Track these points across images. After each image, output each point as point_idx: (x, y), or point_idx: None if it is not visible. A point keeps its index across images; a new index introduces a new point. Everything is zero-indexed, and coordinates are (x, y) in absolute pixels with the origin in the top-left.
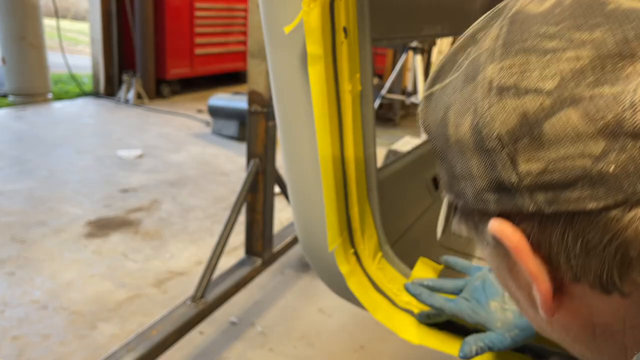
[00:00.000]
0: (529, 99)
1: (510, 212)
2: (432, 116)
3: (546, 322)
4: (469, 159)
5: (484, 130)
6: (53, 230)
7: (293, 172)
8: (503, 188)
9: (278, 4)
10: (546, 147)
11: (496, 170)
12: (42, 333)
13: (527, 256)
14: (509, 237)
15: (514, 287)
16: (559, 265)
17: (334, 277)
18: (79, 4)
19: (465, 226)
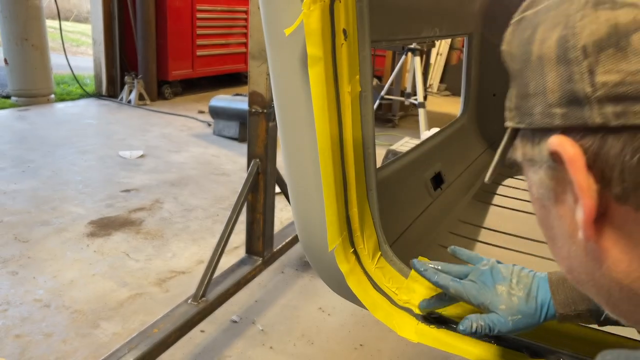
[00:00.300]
0: (624, 12)
1: (574, 127)
2: (518, 37)
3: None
4: (547, 74)
5: (571, 41)
6: (55, 229)
7: (293, 172)
8: (574, 100)
9: (279, 6)
10: (629, 59)
11: (572, 81)
12: (45, 332)
13: (581, 169)
14: (566, 149)
15: (556, 217)
16: (610, 182)
17: (334, 276)
18: (81, 6)
19: (522, 150)
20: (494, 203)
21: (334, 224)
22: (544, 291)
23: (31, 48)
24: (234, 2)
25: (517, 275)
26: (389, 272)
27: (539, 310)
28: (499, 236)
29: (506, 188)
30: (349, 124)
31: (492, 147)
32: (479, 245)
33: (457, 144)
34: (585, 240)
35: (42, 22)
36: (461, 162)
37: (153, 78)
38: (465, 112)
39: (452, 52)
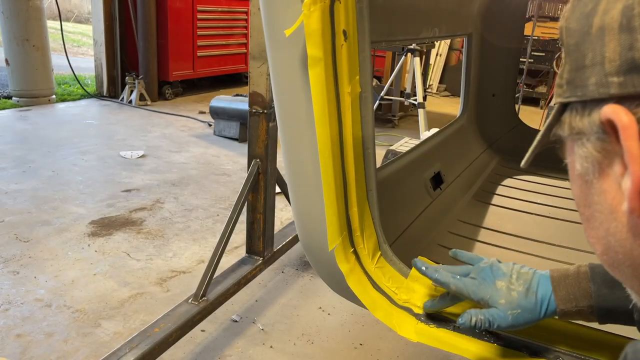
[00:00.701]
0: None
1: (630, 95)
2: (577, 12)
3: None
4: (607, 44)
5: (637, 9)
6: (57, 229)
7: (293, 172)
8: (634, 67)
9: (279, 7)
10: None
11: (633, 49)
12: (46, 331)
13: (634, 136)
14: (620, 117)
15: (598, 192)
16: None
17: (334, 276)
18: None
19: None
20: (494, 203)
21: (334, 223)
22: (545, 287)
23: (32, 48)
24: (235, 3)
25: (517, 271)
26: (389, 272)
27: (539, 305)
28: (498, 236)
29: (506, 188)
30: (349, 124)
31: (491, 147)
32: (479, 245)
33: (457, 144)
34: (630, 213)
35: (43, 23)
36: (461, 162)
37: (154, 78)
38: (465, 113)
39: (451, 52)
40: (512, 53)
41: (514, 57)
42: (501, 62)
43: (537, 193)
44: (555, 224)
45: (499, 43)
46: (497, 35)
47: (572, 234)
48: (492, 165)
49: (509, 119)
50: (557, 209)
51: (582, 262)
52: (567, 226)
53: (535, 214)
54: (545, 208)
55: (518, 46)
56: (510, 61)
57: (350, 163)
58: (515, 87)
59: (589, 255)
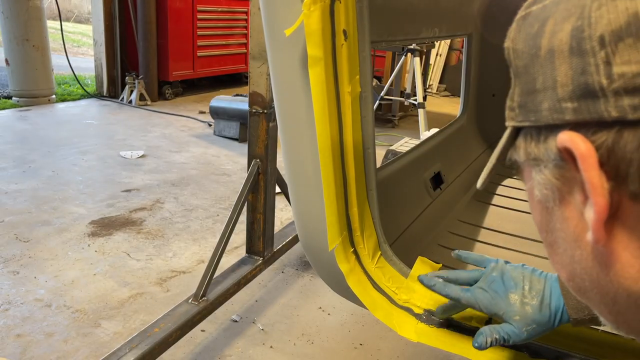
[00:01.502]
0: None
1: (586, 122)
2: (523, 33)
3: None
4: (557, 67)
5: (586, 31)
6: (57, 229)
7: (293, 172)
8: (588, 93)
9: (279, 7)
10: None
11: (586, 74)
12: (46, 331)
13: (593, 165)
14: (578, 145)
15: (560, 219)
16: (625, 178)
17: (334, 276)
18: (81, 6)
19: (525, 150)
20: (494, 203)
21: (334, 223)
22: (557, 296)
23: (32, 48)
24: (235, 3)
25: (528, 280)
26: (389, 272)
27: (553, 317)
28: (498, 236)
29: (506, 188)
30: (349, 124)
31: (491, 147)
32: (479, 245)
33: (457, 144)
34: (594, 243)
35: (43, 23)
36: (461, 162)
37: (154, 78)
38: (465, 113)
39: (451, 52)
40: None
41: None
42: (501, 62)
43: None
44: None
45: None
46: (497, 35)
47: None
48: None
49: None
50: None
51: None
52: None
53: None
54: None
55: None
56: None
57: (350, 163)
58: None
59: None
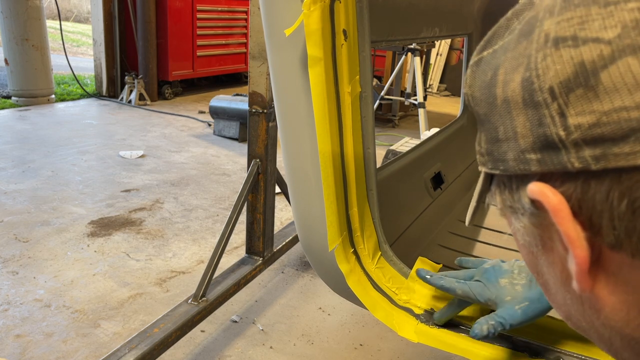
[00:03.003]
0: (588, 48)
1: (552, 172)
2: (478, 80)
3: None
4: (515, 118)
5: (536, 83)
6: (56, 229)
7: (293, 172)
8: (548, 145)
9: (279, 6)
10: (601, 98)
11: (543, 125)
12: (45, 331)
13: (567, 218)
14: (548, 198)
15: (546, 264)
16: (600, 229)
17: (334, 276)
18: (81, 6)
19: (500, 197)
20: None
21: (334, 224)
22: None
23: (31, 48)
24: (234, 3)
25: (518, 266)
26: (389, 272)
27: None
28: (498, 236)
29: None
30: (349, 124)
31: None
32: (479, 245)
33: (457, 144)
34: (580, 292)
35: (42, 23)
36: (461, 162)
37: (153, 78)
38: (465, 112)
39: (452, 52)
40: None
41: None
42: None
43: None
44: None
45: None
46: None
47: None
48: None
49: None
50: None
51: None
52: None
53: None
54: None
55: None
56: None
57: (350, 163)
58: None
59: None
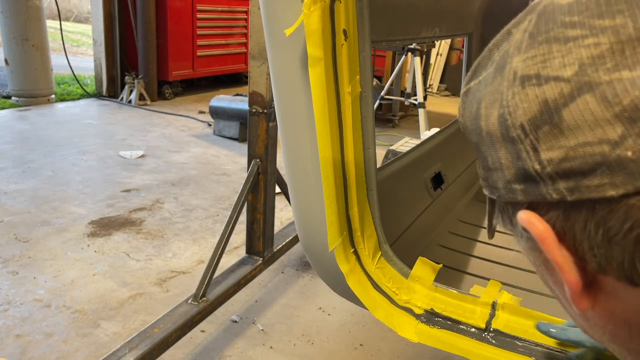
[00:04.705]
0: (549, 87)
1: (537, 202)
2: (468, 111)
3: (582, 319)
4: (498, 150)
5: (509, 119)
6: (56, 229)
7: (294, 173)
8: (528, 177)
9: (279, 6)
10: (566, 134)
11: (521, 159)
12: (45, 331)
13: (553, 246)
14: (535, 227)
15: (551, 282)
16: (584, 256)
17: (334, 276)
18: (81, 6)
19: (501, 220)
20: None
21: (334, 224)
22: None
23: (32, 48)
24: (234, 3)
25: None
26: (389, 272)
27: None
28: (499, 236)
29: None
30: (349, 124)
31: None
32: (479, 245)
33: (457, 144)
34: (580, 312)
35: (42, 23)
36: (461, 162)
37: (153, 78)
38: None
39: (452, 52)
40: None
41: None
42: None
43: None
44: None
45: None
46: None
47: None
48: None
49: None
50: None
51: None
52: None
53: None
54: None
55: None
56: None
57: (350, 163)
58: None
59: None
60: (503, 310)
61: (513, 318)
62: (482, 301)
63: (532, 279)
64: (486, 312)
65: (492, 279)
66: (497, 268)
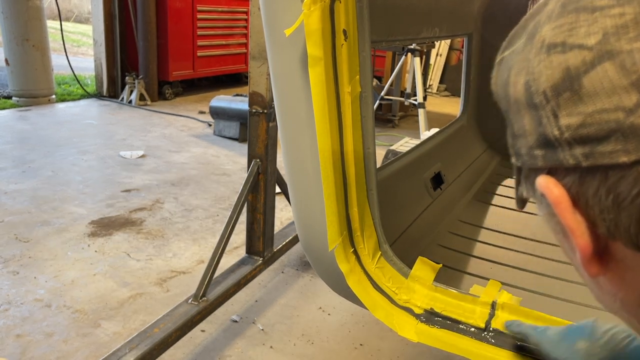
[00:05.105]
0: (573, 54)
1: (555, 167)
2: (499, 79)
3: (595, 286)
4: (523, 117)
5: (533, 86)
6: (56, 229)
7: (293, 173)
8: (548, 143)
9: (279, 6)
10: (584, 101)
11: (542, 125)
12: (46, 331)
13: (566, 210)
14: (551, 191)
15: (567, 248)
16: (595, 221)
17: (334, 276)
18: (81, 6)
19: (525, 187)
20: (494, 203)
21: (334, 224)
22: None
23: (32, 48)
24: (235, 3)
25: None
26: (389, 272)
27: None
28: (498, 236)
29: (506, 188)
30: (349, 124)
31: (491, 147)
32: (479, 245)
33: (457, 144)
34: (589, 277)
35: (43, 23)
36: (461, 162)
37: (154, 78)
38: (465, 113)
39: (451, 52)
40: None
41: None
42: None
43: None
44: None
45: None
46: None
47: None
48: (492, 165)
49: None
50: None
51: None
52: None
53: (536, 214)
54: None
55: None
56: None
57: (350, 163)
58: None
59: None
60: (503, 310)
61: (513, 318)
62: (481, 301)
63: (532, 279)
64: (486, 311)
65: (491, 278)
66: (497, 268)
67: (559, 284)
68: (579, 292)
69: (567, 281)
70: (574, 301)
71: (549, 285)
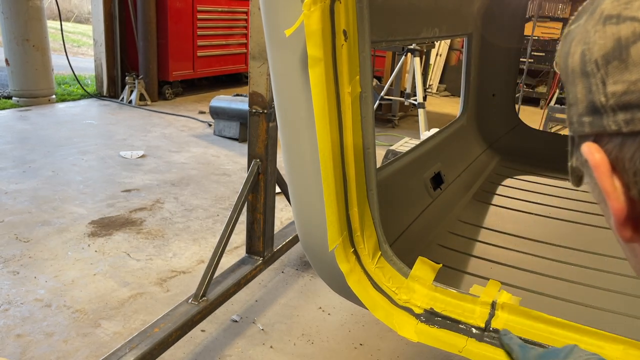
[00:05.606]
0: (625, 26)
1: (599, 134)
2: (562, 51)
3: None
4: (577, 85)
5: (587, 55)
6: (57, 229)
7: (293, 172)
8: (595, 110)
9: (279, 6)
10: (630, 69)
11: (592, 93)
12: (46, 331)
13: (604, 174)
14: (592, 156)
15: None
16: (629, 184)
17: (334, 276)
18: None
19: (575, 157)
20: (494, 203)
21: (334, 224)
22: None
23: (32, 49)
24: (235, 3)
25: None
26: (389, 272)
27: None
28: (498, 236)
29: (506, 188)
30: (349, 124)
31: (491, 147)
32: (479, 245)
33: (457, 144)
34: (623, 242)
35: (43, 23)
36: (461, 162)
37: (154, 78)
38: (465, 113)
39: (451, 52)
40: (512, 53)
41: (514, 57)
42: (501, 62)
43: (537, 193)
44: (555, 224)
45: (499, 43)
46: (497, 35)
47: (572, 233)
48: (492, 165)
49: (509, 119)
50: (557, 209)
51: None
52: (567, 226)
53: (535, 214)
54: (545, 208)
55: (518, 46)
56: (510, 61)
57: (350, 163)
58: (515, 87)
59: (589, 256)
60: (502, 310)
61: (512, 317)
62: (481, 301)
63: (532, 279)
64: (486, 311)
65: (491, 278)
66: (497, 268)
67: (558, 284)
68: (578, 292)
69: (567, 281)
70: (574, 301)
71: (548, 285)
